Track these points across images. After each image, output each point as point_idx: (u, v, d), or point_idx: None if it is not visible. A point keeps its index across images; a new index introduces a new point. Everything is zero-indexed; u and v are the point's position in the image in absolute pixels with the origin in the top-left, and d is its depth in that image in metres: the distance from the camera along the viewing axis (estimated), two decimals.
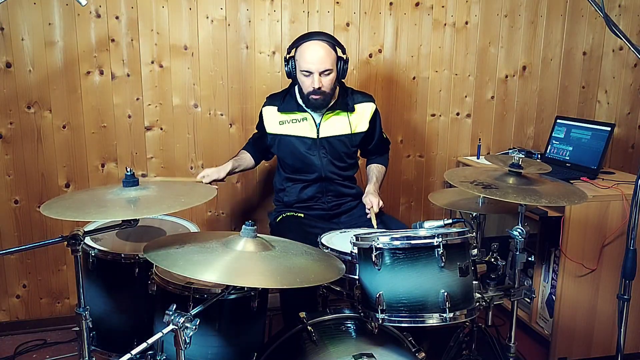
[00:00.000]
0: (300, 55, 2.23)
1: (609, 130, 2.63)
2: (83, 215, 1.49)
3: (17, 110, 2.55)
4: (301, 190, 2.40)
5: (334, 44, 2.25)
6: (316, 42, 2.21)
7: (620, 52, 3.16)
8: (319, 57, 2.20)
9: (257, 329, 1.79)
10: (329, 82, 2.24)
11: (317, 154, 2.36)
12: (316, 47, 2.21)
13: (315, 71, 2.20)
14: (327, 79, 2.23)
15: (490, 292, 1.86)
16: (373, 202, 2.30)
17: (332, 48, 2.23)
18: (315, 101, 2.27)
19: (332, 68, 2.23)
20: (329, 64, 2.21)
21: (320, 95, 2.25)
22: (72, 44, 2.55)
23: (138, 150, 2.71)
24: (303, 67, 2.22)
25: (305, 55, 2.21)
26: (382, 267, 1.55)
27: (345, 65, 2.28)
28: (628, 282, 1.73)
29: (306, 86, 2.25)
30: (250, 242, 1.52)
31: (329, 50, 2.22)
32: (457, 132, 3.07)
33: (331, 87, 2.26)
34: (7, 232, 2.64)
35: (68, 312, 2.77)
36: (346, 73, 2.30)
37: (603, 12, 1.67)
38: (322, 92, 2.24)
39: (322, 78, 2.22)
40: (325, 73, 2.22)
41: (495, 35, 3.00)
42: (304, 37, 2.25)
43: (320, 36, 2.24)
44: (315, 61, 2.20)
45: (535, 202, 1.76)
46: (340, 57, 2.27)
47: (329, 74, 2.23)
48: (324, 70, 2.21)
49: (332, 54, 2.23)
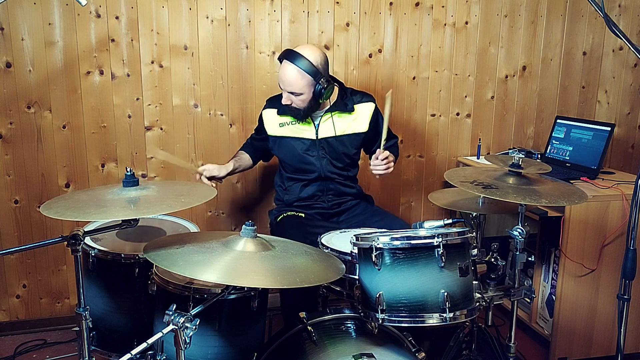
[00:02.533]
0: (279, 71, 2.26)
1: (609, 130, 2.63)
2: (83, 215, 1.49)
3: (17, 110, 2.55)
4: (302, 188, 2.40)
5: (309, 71, 2.18)
6: (286, 64, 2.21)
7: (620, 52, 3.16)
8: (287, 79, 2.21)
9: (257, 329, 1.79)
10: (299, 101, 2.25)
11: (316, 155, 2.36)
12: (287, 70, 2.21)
13: (284, 90, 2.25)
14: (297, 98, 2.25)
15: (490, 292, 1.86)
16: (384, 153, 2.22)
17: (304, 75, 2.18)
18: (291, 111, 2.30)
19: (301, 92, 2.22)
20: (297, 88, 2.21)
21: (293, 109, 2.28)
22: (72, 44, 2.55)
23: (138, 150, 2.71)
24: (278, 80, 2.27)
25: (280, 72, 2.25)
26: (382, 267, 1.55)
27: (322, 90, 2.21)
28: (628, 282, 1.73)
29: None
30: (250, 242, 1.53)
31: (299, 76, 2.19)
32: (457, 132, 3.07)
33: (304, 105, 2.26)
34: (7, 232, 2.64)
35: (68, 312, 2.77)
36: (323, 95, 2.23)
37: (603, 12, 1.67)
38: (294, 108, 2.27)
39: (290, 97, 2.25)
40: (294, 95, 2.23)
41: (495, 35, 3.00)
42: (284, 55, 2.23)
43: (296, 60, 2.18)
44: (284, 82, 2.23)
45: (535, 202, 1.76)
46: (317, 83, 2.20)
47: (298, 95, 2.24)
48: (292, 92, 2.23)
49: (302, 79, 2.19)
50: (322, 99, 2.27)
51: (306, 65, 2.18)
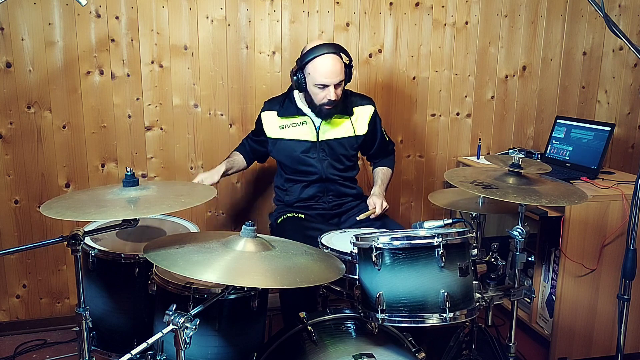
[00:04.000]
0: (314, 70, 2.22)
1: (609, 130, 2.63)
2: (83, 215, 1.49)
3: (17, 110, 2.55)
4: (302, 189, 2.40)
5: (341, 53, 2.26)
6: (329, 55, 2.21)
7: (620, 52, 3.16)
8: (334, 70, 2.21)
9: (257, 329, 1.79)
10: (341, 91, 2.29)
11: (317, 157, 2.37)
12: (330, 60, 2.21)
13: (331, 84, 2.22)
14: (340, 89, 2.27)
15: (490, 292, 1.86)
16: (377, 203, 2.32)
17: (341, 58, 2.25)
18: (329, 111, 2.30)
19: (344, 78, 2.27)
20: (342, 75, 2.25)
21: (333, 105, 2.28)
22: (72, 44, 2.55)
23: (138, 150, 2.71)
24: (319, 81, 2.22)
25: (320, 69, 2.21)
26: (382, 267, 1.55)
27: (350, 70, 2.31)
28: (628, 282, 1.73)
29: (319, 98, 2.27)
30: (250, 242, 1.52)
31: (340, 61, 2.24)
32: (457, 132, 3.07)
33: (340, 95, 2.29)
34: (7, 232, 2.64)
35: (68, 312, 2.77)
36: (352, 78, 2.33)
37: (603, 12, 1.67)
38: (336, 102, 2.27)
39: (337, 90, 2.25)
40: (339, 84, 2.25)
41: (495, 35, 3.00)
42: (315, 51, 2.22)
43: (330, 48, 2.23)
44: (331, 75, 2.21)
45: (535, 202, 1.76)
46: (347, 64, 2.28)
47: (342, 84, 2.27)
48: (339, 82, 2.24)
49: (342, 64, 2.25)
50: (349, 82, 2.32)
51: (337, 48, 2.25)
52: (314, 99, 2.28)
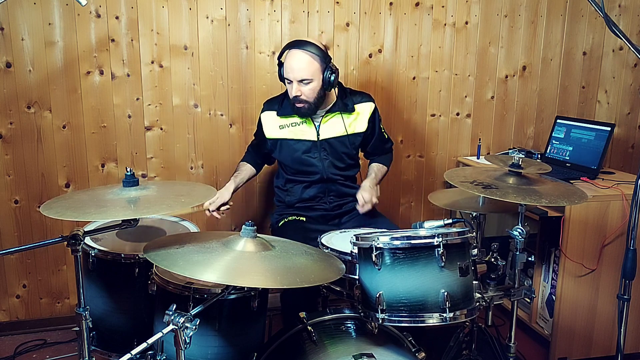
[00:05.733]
0: (285, 62, 2.25)
1: (609, 130, 2.63)
2: (83, 215, 1.50)
3: (17, 110, 2.55)
4: (303, 190, 2.40)
5: (319, 54, 2.21)
6: (299, 50, 2.21)
7: (620, 52, 3.16)
8: (299, 66, 2.21)
9: (257, 329, 1.79)
10: (309, 91, 2.24)
11: (318, 156, 2.36)
12: (297, 56, 2.21)
13: (293, 80, 2.22)
14: (306, 88, 2.23)
15: (490, 292, 1.86)
16: (365, 198, 2.30)
17: (315, 58, 2.21)
18: (299, 109, 2.28)
19: (311, 78, 2.22)
20: (308, 73, 2.21)
21: (302, 103, 2.26)
22: (72, 44, 2.55)
23: (138, 150, 2.71)
24: (285, 74, 2.26)
25: (287, 62, 2.24)
26: (382, 267, 1.55)
27: (331, 75, 2.23)
28: (628, 282, 1.73)
29: (290, 93, 2.28)
30: (250, 242, 1.53)
31: (310, 60, 2.20)
32: (457, 132, 3.07)
33: (314, 96, 2.25)
34: (7, 232, 2.64)
35: (68, 312, 2.77)
36: (331, 84, 2.24)
37: (603, 12, 1.67)
38: (303, 100, 2.25)
39: (301, 87, 2.23)
40: (304, 82, 2.22)
41: (495, 35, 3.00)
42: (290, 45, 2.25)
43: (305, 46, 2.21)
44: (294, 70, 2.22)
45: (535, 202, 1.76)
46: (327, 67, 2.23)
47: (308, 83, 2.22)
48: (302, 80, 2.22)
49: (313, 64, 2.21)
50: (331, 87, 2.27)
51: (315, 49, 2.21)
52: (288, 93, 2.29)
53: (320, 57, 2.21)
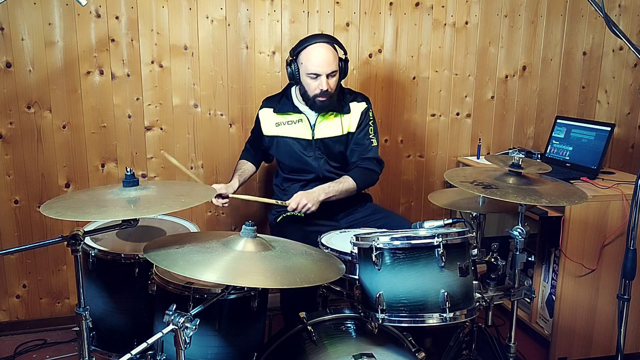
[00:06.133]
0: (307, 59, 2.23)
1: (609, 130, 2.63)
2: (83, 215, 1.50)
3: (17, 110, 2.55)
4: (300, 189, 2.39)
5: (335, 45, 2.27)
6: (321, 44, 2.23)
7: (620, 52, 3.16)
8: (326, 59, 2.21)
9: (257, 329, 1.79)
10: (334, 83, 2.27)
11: (313, 155, 2.37)
12: (322, 49, 2.22)
13: (323, 73, 2.22)
14: (333, 80, 2.26)
15: (490, 292, 1.86)
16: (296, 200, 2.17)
17: (335, 49, 2.26)
18: (322, 103, 2.28)
19: (337, 69, 2.26)
20: (334, 65, 2.24)
21: (326, 96, 2.27)
22: (72, 44, 2.55)
23: (138, 150, 2.71)
24: (310, 70, 2.22)
25: (311, 58, 2.22)
26: (382, 267, 1.55)
27: (346, 65, 2.32)
28: (628, 282, 1.73)
29: (312, 89, 2.26)
30: (250, 242, 1.53)
31: (334, 51, 2.25)
32: (457, 132, 3.07)
33: (336, 87, 2.29)
34: (7, 232, 2.64)
35: (68, 312, 2.77)
36: (347, 73, 2.33)
37: (603, 12, 1.67)
38: (329, 93, 2.26)
39: (329, 80, 2.24)
40: (332, 74, 2.24)
41: (495, 35, 3.00)
42: (308, 40, 2.25)
43: (323, 38, 2.26)
44: (323, 64, 2.21)
45: (535, 202, 1.76)
46: (341, 58, 2.29)
47: (335, 74, 2.26)
48: (331, 72, 2.23)
49: (336, 55, 2.26)
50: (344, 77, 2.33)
51: (331, 39, 2.27)
52: (307, 90, 2.27)
53: (337, 46, 2.27)
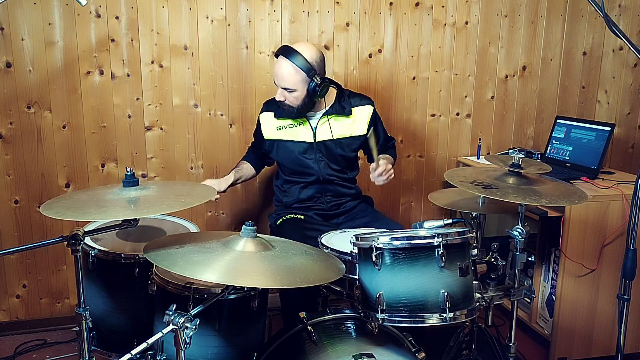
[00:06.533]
0: (274, 67, 2.27)
1: (609, 130, 2.63)
2: (83, 215, 1.49)
3: (17, 110, 2.55)
4: (300, 190, 2.40)
5: (303, 67, 2.17)
6: (284, 60, 2.19)
7: (620, 52, 3.16)
8: (280, 74, 2.21)
9: (257, 329, 1.79)
10: (293, 98, 2.25)
11: (314, 157, 2.36)
12: (282, 65, 2.20)
13: (278, 85, 2.24)
14: (290, 95, 2.24)
15: (490, 292, 1.86)
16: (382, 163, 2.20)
17: (299, 70, 2.17)
18: (284, 110, 2.30)
19: (294, 88, 2.21)
20: (290, 84, 2.20)
21: (286, 107, 2.28)
22: (72, 44, 2.55)
23: (138, 150, 2.71)
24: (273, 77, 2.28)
25: (274, 68, 2.26)
26: (382, 267, 1.55)
27: (317, 87, 2.20)
28: (628, 282, 1.73)
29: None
30: (250, 242, 1.52)
31: (293, 72, 2.18)
32: (457, 132, 3.07)
33: (298, 103, 2.25)
34: (7, 232, 2.64)
35: (68, 312, 2.77)
36: (317, 92, 2.21)
37: (603, 12, 1.67)
38: (287, 104, 2.27)
39: (284, 93, 2.24)
40: (288, 91, 2.23)
41: (495, 35, 3.00)
42: (279, 51, 2.23)
43: (291, 56, 2.18)
44: (278, 77, 2.23)
45: (535, 202, 1.76)
46: (312, 80, 2.19)
47: (292, 92, 2.23)
48: (285, 88, 2.23)
49: (296, 75, 2.19)
50: (317, 97, 2.25)
51: (300, 61, 2.18)
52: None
53: (304, 69, 2.18)
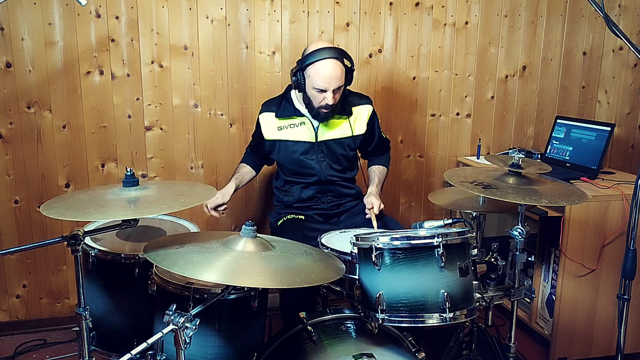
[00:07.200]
0: (315, 73, 2.18)
1: (609, 130, 2.63)
2: (83, 215, 1.49)
3: (17, 110, 2.55)
4: (301, 190, 2.40)
5: (343, 57, 2.23)
6: (330, 60, 2.18)
7: (620, 52, 3.16)
8: (334, 76, 2.18)
9: (257, 329, 1.79)
10: (339, 96, 2.26)
11: (315, 158, 2.36)
12: (331, 66, 2.17)
13: (330, 89, 2.19)
14: (338, 94, 2.25)
15: (490, 292, 1.86)
16: (374, 203, 2.30)
17: (342, 63, 2.22)
18: (326, 114, 2.29)
19: (343, 84, 2.24)
20: (342, 80, 2.22)
21: (330, 109, 2.26)
22: (72, 44, 2.55)
23: (138, 150, 2.71)
24: (318, 85, 2.19)
25: (320, 73, 2.18)
26: (382, 267, 1.55)
27: (351, 74, 2.27)
28: (628, 282, 1.73)
29: (317, 101, 2.25)
30: (250, 242, 1.53)
31: (342, 67, 2.21)
32: (457, 132, 3.07)
33: (338, 99, 2.27)
34: (7, 232, 2.64)
35: (68, 312, 2.77)
36: (352, 81, 2.30)
37: (603, 12, 1.67)
38: (331, 106, 2.25)
39: (335, 95, 2.23)
40: (338, 89, 2.23)
41: (495, 35, 3.00)
42: (317, 55, 2.18)
43: (333, 53, 2.19)
44: (331, 81, 2.18)
45: (535, 202, 1.76)
46: (347, 68, 2.25)
47: (340, 89, 2.25)
48: (337, 87, 2.22)
49: (343, 70, 2.22)
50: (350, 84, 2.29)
51: (339, 53, 2.21)
52: (312, 101, 2.26)
53: (345, 58, 2.23)
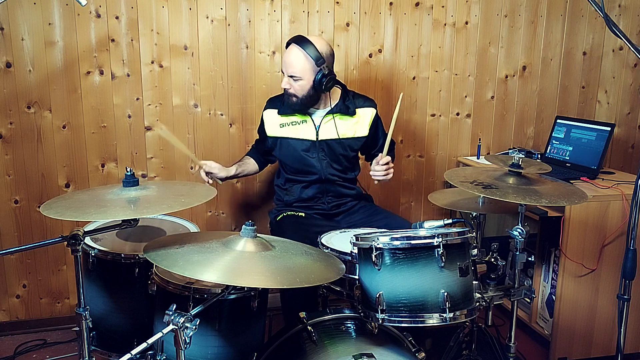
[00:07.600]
0: (283, 54, 2.30)
1: (609, 130, 2.63)
2: (83, 215, 1.49)
3: (17, 110, 2.55)
4: (302, 190, 2.40)
5: (313, 56, 2.20)
6: (295, 47, 2.23)
7: (620, 52, 3.16)
8: (289, 60, 2.24)
9: (257, 329, 1.79)
10: (298, 87, 2.26)
11: (316, 156, 2.36)
12: (292, 51, 2.23)
13: (286, 73, 2.26)
14: (296, 84, 2.25)
15: (490, 292, 1.86)
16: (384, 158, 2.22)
17: (308, 59, 2.21)
18: (288, 99, 2.30)
19: (300, 76, 2.23)
20: (297, 71, 2.22)
21: (291, 96, 2.28)
22: (72, 44, 2.55)
23: (138, 150, 2.71)
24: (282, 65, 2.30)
25: (284, 55, 2.28)
26: (382, 267, 1.55)
27: (324, 79, 2.22)
28: (628, 282, 1.73)
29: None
30: (250, 242, 1.53)
31: (303, 59, 2.21)
32: (457, 132, 3.07)
33: (303, 93, 2.26)
34: (7, 232, 2.64)
35: (68, 312, 2.77)
36: (323, 85, 2.23)
37: (603, 12, 1.67)
38: (292, 94, 2.27)
39: (290, 81, 2.25)
40: (294, 79, 2.24)
41: (495, 35, 3.00)
42: (292, 39, 2.27)
43: (303, 44, 2.21)
44: (287, 66, 2.25)
45: (535, 202, 1.76)
46: (319, 70, 2.21)
47: (297, 80, 2.24)
48: (291, 76, 2.24)
49: (304, 63, 2.21)
50: (322, 90, 2.26)
51: (311, 49, 2.21)
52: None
53: (313, 58, 2.21)
